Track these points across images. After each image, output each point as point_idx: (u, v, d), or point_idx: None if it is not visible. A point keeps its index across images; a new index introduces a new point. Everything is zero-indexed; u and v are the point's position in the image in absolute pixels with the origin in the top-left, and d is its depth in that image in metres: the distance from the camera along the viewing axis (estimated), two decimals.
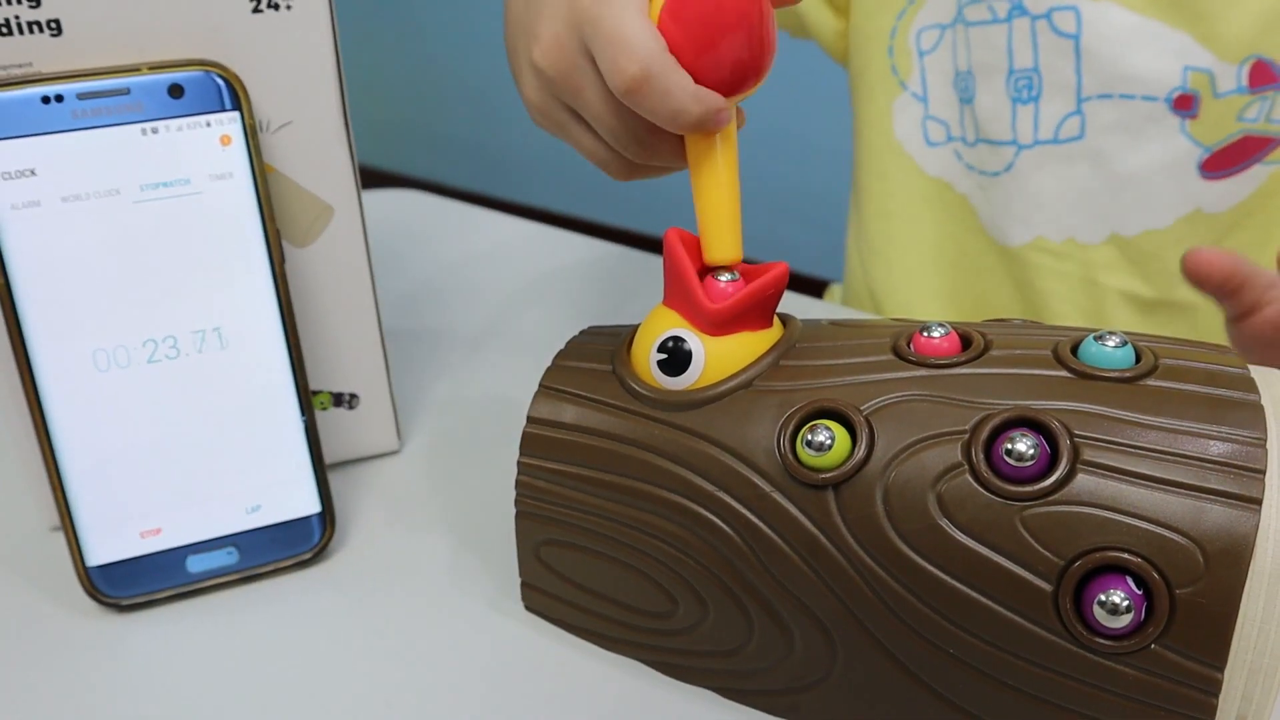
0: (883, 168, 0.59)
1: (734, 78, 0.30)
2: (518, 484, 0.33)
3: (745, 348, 0.30)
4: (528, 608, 0.35)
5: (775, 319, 0.32)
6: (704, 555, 0.30)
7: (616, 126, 0.33)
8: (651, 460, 0.30)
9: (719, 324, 0.30)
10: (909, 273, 0.60)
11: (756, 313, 0.30)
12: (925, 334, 0.29)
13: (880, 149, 0.59)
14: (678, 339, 0.30)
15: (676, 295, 0.31)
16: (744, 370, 0.30)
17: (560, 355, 0.34)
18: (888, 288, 0.61)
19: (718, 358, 0.30)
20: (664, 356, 0.31)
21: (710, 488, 0.29)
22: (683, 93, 0.30)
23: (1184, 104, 0.49)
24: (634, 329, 0.33)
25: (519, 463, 0.32)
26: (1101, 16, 0.50)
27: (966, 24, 0.54)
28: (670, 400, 0.30)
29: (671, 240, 0.31)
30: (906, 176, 0.59)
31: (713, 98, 0.30)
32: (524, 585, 0.34)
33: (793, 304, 0.55)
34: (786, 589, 0.29)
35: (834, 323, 0.32)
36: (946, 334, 0.29)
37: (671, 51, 0.30)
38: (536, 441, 0.32)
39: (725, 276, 0.31)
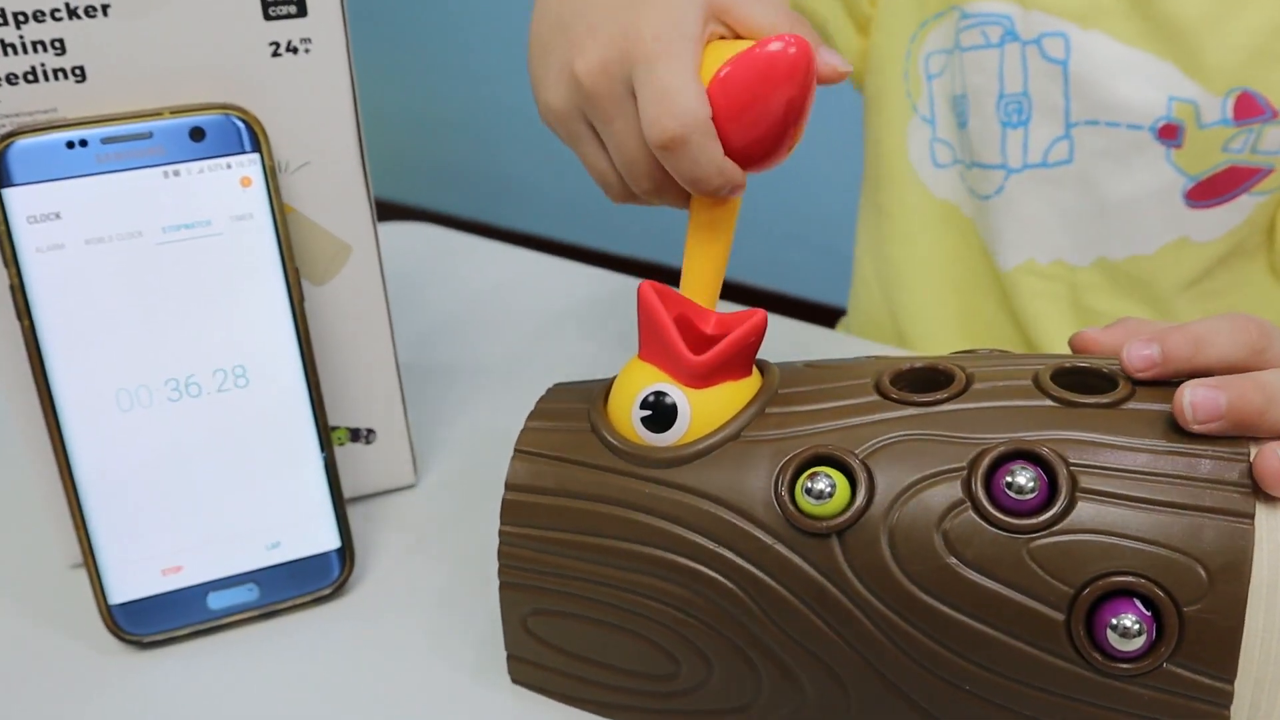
0: (902, 193, 0.60)
1: (761, 157, 0.31)
2: (500, 554, 0.31)
3: (729, 398, 0.30)
4: (515, 680, 0.34)
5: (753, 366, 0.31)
6: (706, 613, 0.29)
7: (636, 162, 0.33)
8: (644, 520, 0.29)
9: (702, 376, 0.30)
10: (928, 298, 0.61)
11: (738, 362, 0.30)
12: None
13: (899, 173, 0.60)
14: (660, 394, 0.30)
15: (654, 349, 0.30)
16: (731, 421, 0.30)
17: (532, 417, 0.33)
18: (909, 314, 0.61)
19: (703, 410, 0.30)
20: (648, 413, 0.30)
21: (709, 544, 0.29)
22: (711, 163, 0.31)
23: (1169, 134, 0.49)
24: (606, 384, 0.32)
25: (501, 532, 0.31)
26: (1090, 44, 0.50)
27: (961, 50, 0.54)
28: (658, 457, 0.30)
29: (646, 294, 0.30)
30: (920, 200, 0.59)
31: (735, 172, 0.31)
32: (510, 658, 0.33)
33: (805, 336, 0.55)
34: (795, 640, 0.28)
35: (809, 365, 0.32)
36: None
37: (712, 119, 0.30)
38: (518, 509, 0.31)
39: None
